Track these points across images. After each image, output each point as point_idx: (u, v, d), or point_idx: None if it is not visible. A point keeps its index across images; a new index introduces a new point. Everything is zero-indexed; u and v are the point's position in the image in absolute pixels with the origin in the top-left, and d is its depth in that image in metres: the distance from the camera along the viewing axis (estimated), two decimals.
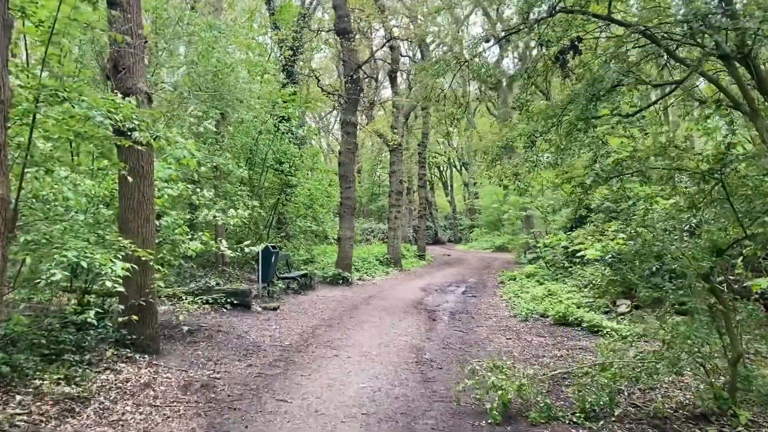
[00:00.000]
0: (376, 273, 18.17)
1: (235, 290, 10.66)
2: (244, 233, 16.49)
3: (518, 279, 16.82)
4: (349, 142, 15.23)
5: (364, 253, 20.28)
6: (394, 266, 19.95)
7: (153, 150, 6.87)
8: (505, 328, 9.77)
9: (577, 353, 7.88)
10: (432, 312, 11.40)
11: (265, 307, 10.89)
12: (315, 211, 17.48)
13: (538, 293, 12.42)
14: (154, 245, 6.98)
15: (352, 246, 15.69)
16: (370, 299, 12.91)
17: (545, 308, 10.77)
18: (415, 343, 8.39)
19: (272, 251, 11.94)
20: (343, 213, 15.44)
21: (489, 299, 13.60)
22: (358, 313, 10.87)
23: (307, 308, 11.37)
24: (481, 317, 10.93)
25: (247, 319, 9.88)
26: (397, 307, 11.75)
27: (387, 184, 48.55)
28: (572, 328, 9.52)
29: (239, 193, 13.32)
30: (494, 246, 35.15)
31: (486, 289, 15.82)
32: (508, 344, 8.54)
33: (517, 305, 11.96)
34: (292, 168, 16.77)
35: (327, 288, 14.67)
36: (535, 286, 14.69)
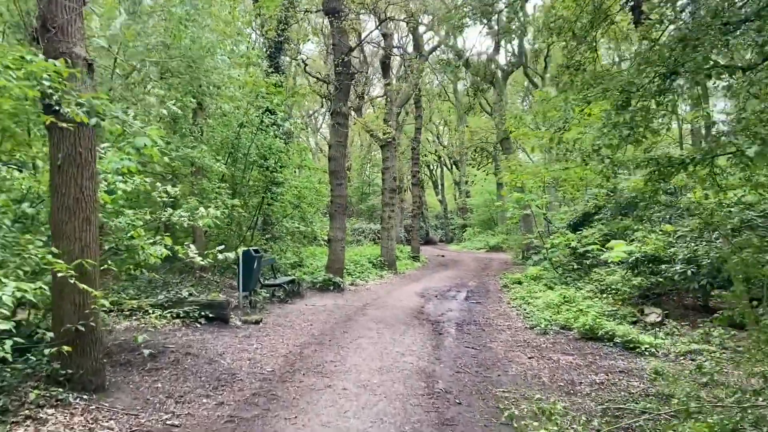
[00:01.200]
0: (370, 277, 16.71)
1: (211, 302, 9.17)
2: (225, 236, 14.98)
3: (523, 282, 15.46)
4: (339, 134, 13.76)
5: (356, 256, 18.80)
6: (388, 269, 18.50)
7: (94, 133, 5.37)
8: (523, 344, 8.36)
9: (619, 379, 6.47)
10: (436, 323, 9.97)
11: (246, 320, 9.40)
12: (303, 210, 15.98)
13: (552, 300, 11.03)
14: (98, 252, 5.47)
15: (343, 248, 14.22)
16: (366, 308, 11.45)
17: (566, 319, 9.37)
18: (423, 366, 6.95)
19: (254, 256, 10.44)
20: (334, 212, 13.97)
21: (495, 306, 12.19)
22: (352, 327, 9.41)
23: (294, 321, 9.89)
24: (493, 329, 9.52)
25: (224, 335, 8.38)
26: (396, 318, 10.31)
27: (377, 183, 47.30)
28: (602, 344, 8.12)
29: (217, 190, 11.78)
30: (488, 246, 33.85)
31: (489, 294, 14.42)
32: (533, 366, 7.12)
33: (531, 315, 10.57)
34: (277, 164, 15.27)
35: (317, 295, 13.18)
36: (544, 290, 13.33)
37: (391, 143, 18.43)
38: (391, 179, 18.68)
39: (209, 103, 13.86)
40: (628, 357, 7.45)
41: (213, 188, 11.60)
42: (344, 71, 13.54)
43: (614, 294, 10.78)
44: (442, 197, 48.73)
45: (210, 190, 11.57)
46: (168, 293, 9.34)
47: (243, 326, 9.14)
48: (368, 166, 46.18)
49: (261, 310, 10.56)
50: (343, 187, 13.87)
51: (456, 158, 47.03)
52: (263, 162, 14.89)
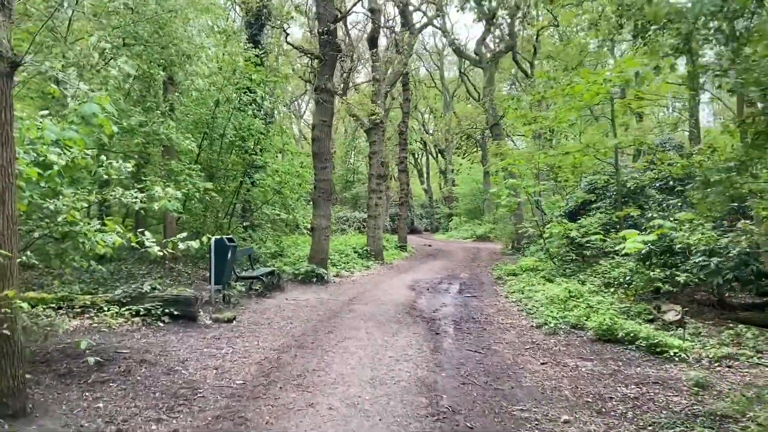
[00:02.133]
0: (356, 268, 15.59)
1: (176, 297, 7.98)
2: (200, 223, 13.75)
3: (519, 274, 14.47)
4: (324, 113, 12.53)
5: (341, 245, 17.66)
6: (374, 259, 17.39)
7: (10, 87, 4.14)
8: (532, 346, 7.31)
9: (654, 392, 5.44)
10: (431, 321, 8.89)
11: (217, 318, 8.22)
12: (284, 196, 14.77)
13: (557, 294, 10.01)
14: (16, 241, 4.26)
15: (328, 237, 13.06)
16: (352, 303, 10.33)
17: (577, 317, 8.35)
18: (422, 376, 5.86)
19: (228, 245, 9.26)
20: (318, 198, 12.79)
21: (493, 301, 11.16)
22: (338, 325, 8.29)
23: (272, 318, 8.74)
24: (495, 328, 8.47)
25: (190, 337, 7.22)
26: (386, 315, 9.21)
27: (362, 171, 46.06)
28: (623, 347, 7.11)
29: (188, 172, 10.52)
30: (475, 235, 32.93)
31: (484, 286, 13.39)
32: (549, 374, 6.08)
33: (534, 311, 9.54)
34: (257, 146, 14.05)
35: (299, 288, 12.03)
36: (543, 283, 12.34)
37: (378, 126, 17.24)
38: (378, 164, 17.51)
39: (181, 77, 12.56)
40: (656, 363, 6.44)
41: (182, 169, 10.33)
42: (330, 41, 12.28)
43: (625, 288, 9.81)
44: (428, 186, 47.70)
45: (179, 171, 10.30)
46: (128, 287, 8.12)
47: (213, 325, 7.97)
48: (352, 153, 44.92)
49: (235, 305, 9.39)
50: (328, 170, 12.68)
51: (442, 146, 45.98)
52: (241, 143, 13.65)
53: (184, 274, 11.75)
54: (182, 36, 9.91)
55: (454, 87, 41.78)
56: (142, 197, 5.63)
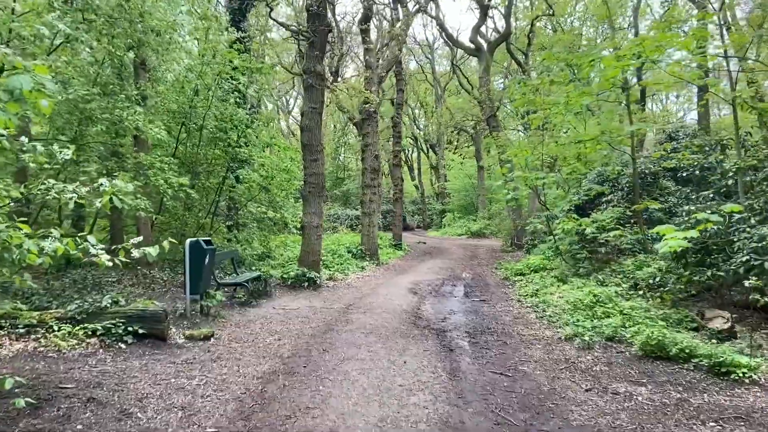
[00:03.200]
0: (350, 269, 14.30)
1: (142, 312, 6.66)
2: (179, 223, 12.40)
3: (527, 274, 13.28)
4: (314, 99, 11.21)
5: (333, 245, 16.36)
6: (369, 259, 16.11)
7: None
8: (567, 366, 6.07)
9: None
10: (441, 333, 7.64)
11: (192, 335, 6.91)
12: (272, 193, 13.44)
13: (580, 298, 8.80)
14: None
15: (320, 237, 11.75)
16: (349, 312, 9.05)
17: (614, 328, 7.12)
18: (444, 414, 4.60)
19: (205, 248, 7.94)
20: (308, 194, 11.47)
21: (506, 306, 9.94)
22: (334, 341, 7.01)
23: (257, 333, 7.44)
24: (517, 341, 7.23)
25: (156, 362, 5.91)
26: (389, 326, 7.94)
27: (352, 168, 44.74)
28: (677, 366, 5.89)
29: (160, 165, 9.16)
30: (470, 232, 31.74)
31: (490, 288, 12.17)
32: (599, 406, 4.84)
33: (557, 319, 8.33)
34: (241, 138, 12.70)
35: (288, 294, 10.73)
36: (557, 285, 11.17)
37: (372, 116, 15.93)
38: (372, 158, 16.20)
39: (155, 62, 11.20)
40: (725, 388, 5.23)
41: (152, 162, 8.95)
42: (319, 13, 10.92)
43: (660, 292, 8.61)
44: (419, 182, 46.39)
45: (149, 164, 8.93)
46: (83, 302, 6.78)
47: (187, 345, 6.66)
48: (342, 149, 43.62)
49: (215, 318, 8.07)
50: (319, 163, 11.36)
51: (433, 142, 44.74)
52: (224, 135, 12.29)
53: (159, 281, 10.39)
54: (151, 8, 8.54)
55: (446, 80, 40.53)
56: (80, 191, 4.29)
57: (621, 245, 11.87)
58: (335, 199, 38.67)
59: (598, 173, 15.41)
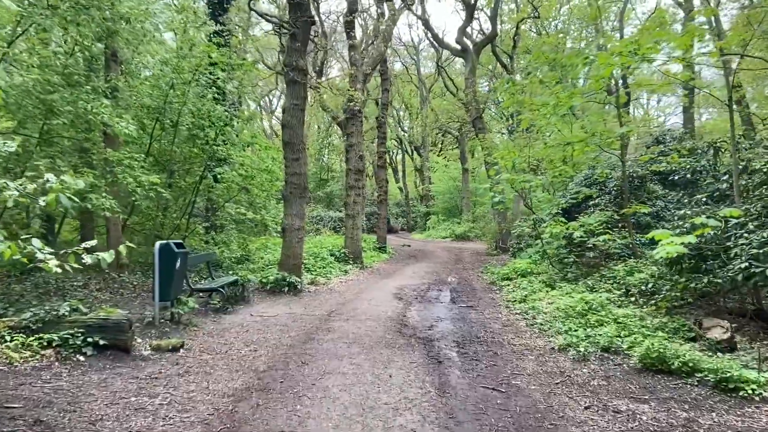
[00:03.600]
0: (333, 273, 13.79)
1: (104, 321, 6.11)
2: (152, 224, 11.81)
3: (513, 279, 12.90)
4: (296, 95, 10.69)
5: (315, 247, 15.83)
6: (353, 263, 15.62)
7: None
8: (563, 380, 5.65)
9: None
10: (428, 342, 7.19)
11: (159, 346, 6.37)
12: (252, 194, 12.90)
13: (571, 305, 8.41)
14: None
15: (302, 240, 11.23)
16: (331, 319, 8.56)
17: (609, 338, 6.72)
18: None
19: (176, 252, 7.40)
20: (290, 195, 10.95)
21: (494, 312, 9.52)
22: (314, 352, 6.52)
23: (232, 343, 6.92)
24: (508, 352, 6.80)
25: (117, 377, 5.37)
26: (373, 335, 7.46)
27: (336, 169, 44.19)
28: (680, 381, 5.49)
29: (129, 162, 8.57)
30: (454, 235, 31.41)
31: (477, 293, 11.76)
32: (599, 426, 4.42)
33: (548, 327, 7.93)
34: (219, 136, 12.16)
35: (267, 299, 10.20)
36: (545, 290, 10.80)
37: (357, 115, 15.45)
38: (356, 158, 15.71)
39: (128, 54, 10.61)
40: (733, 406, 4.84)
41: (120, 159, 8.36)
42: (302, 4, 10.40)
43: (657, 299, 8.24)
44: (403, 184, 45.99)
45: (117, 161, 8.35)
46: (40, 309, 6.21)
47: (153, 357, 6.12)
48: (326, 150, 43.07)
49: (186, 326, 7.53)
50: (302, 162, 10.84)
51: (417, 144, 44.41)
52: (201, 133, 11.74)
53: (129, 285, 9.80)
54: None
55: (431, 82, 40.22)
56: (23, 189, 3.75)
57: (609, 250, 11.55)
58: (318, 200, 38.13)
59: (585, 176, 15.11)
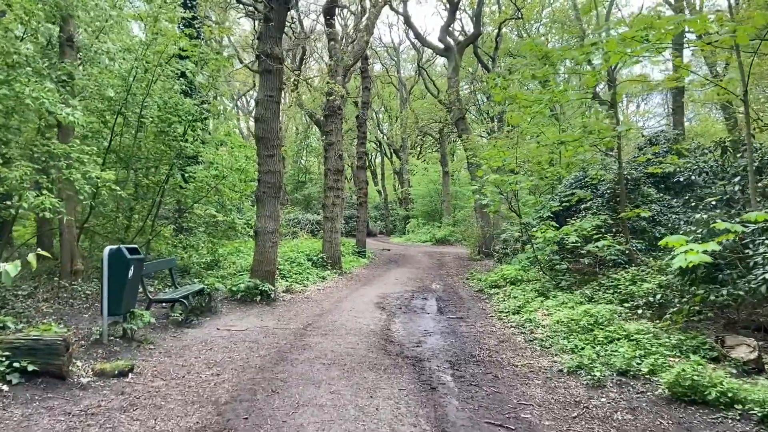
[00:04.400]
0: (310, 279, 12.81)
1: (34, 342, 5.06)
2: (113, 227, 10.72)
3: (502, 286, 12.08)
4: (270, 86, 9.70)
5: (291, 252, 14.80)
6: (331, 268, 14.64)
7: None
8: (581, 413, 4.78)
9: None
10: (417, 362, 6.28)
11: (102, 371, 5.33)
12: (223, 194, 11.86)
13: (573, 318, 7.60)
14: None
15: (276, 244, 10.22)
16: (307, 334, 7.59)
17: (627, 360, 5.88)
18: None
19: (129, 258, 6.37)
20: (263, 195, 9.94)
21: (486, 325, 8.66)
22: (288, 376, 5.55)
23: (191, 365, 5.91)
24: (509, 374, 5.92)
25: (44, 412, 4.35)
26: (355, 354, 6.52)
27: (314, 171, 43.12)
28: (719, 414, 4.66)
29: (77, 156, 7.47)
30: (435, 238, 30.61)
31: (465, 302, 10.91)
32: None
33: (551, 343, 7.08)
34: (188, 131, 11.14)
35: (237, 310, 9.18)
36: (539, 299, 10.00)
37: (336, 112, 14.50)
38: (335, 158, 14.74)
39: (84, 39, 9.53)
40: None
41: (68, 152, 7.26)
42: None
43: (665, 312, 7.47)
44: (382, 187, 45.10)
45: (62, 153, 7.26)
46: None
47: (94, 384, 5.09)
48: (304, 152, 41.98)
49: (141, 344, 6.49)
50: (276, 159, 9.85)
51: (396, 146, 43.58)
52: (167, 128, 10.69)
53: (81, 295, 8.70)
54: None
55: (411, 84, 39.46)
56: None
57: (606, 257, 10.81)
58: (296, 203, 37.01)
59: (576, 178, 14.41)
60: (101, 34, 10.20)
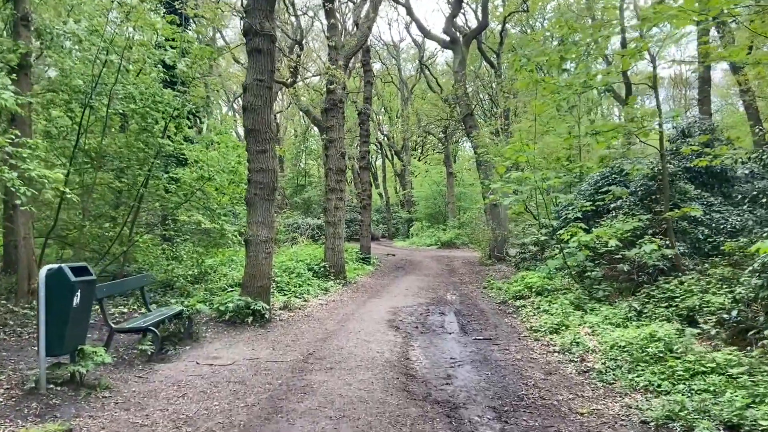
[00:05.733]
0: (311, 292, 11.28)
1: None
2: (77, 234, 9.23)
3: (527, 297, 10.58)
4: (260, 68, 8.16)
5: (290, 261, 13.24)
6: (335, 278, 13.10)
7: None
8: None
9: None
10: (451, 409, 4.77)
11: None
12: (210, 198, 10.36)
13: (634, 342, 6.09)
14: None
15: (270, 254, 8.68)
16: (307, 368, 6.06)
17: (738, 409, 4.34)
18: None
19: (74, 281, 4.85)
20: (254, 197, 8.41)
21: (522, 348, 7.15)
22: None
23: (154, 423, 4.38)
24: (576, 428, 4.41)
25: None
26: (370, 400, 5.00)
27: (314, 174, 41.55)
28: None
29: (15, 152, 5.93)
30: (440, 242, 29.10)
31: (488, 317, 9.41)
32: None
33: (612, 376, 5.58)
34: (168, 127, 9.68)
35: (225, 335, 7.64)
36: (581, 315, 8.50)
37: (337, 106, 12.98)
38: (337, 156, 13.20)
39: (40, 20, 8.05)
40: None
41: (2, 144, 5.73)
42: None
43: (738, 331, 5.98)
44: (383, 189, 43.54)
45: None
46: None
47: None
48: (303, 155, 40.47)
49: (93, 391, 4.96)
50: (269, 156, 8.31)
51: (398, 147, 42.06)
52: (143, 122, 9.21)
53: (32, 322, 7.18)
54: None
55: (412, 83, 37.98)
56: None
57: (649, 263, 9.31)
58: (296, 207, 35.45)
59: (602, 174, 12.90)
60: (65, 13, 8.74)
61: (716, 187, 11.89)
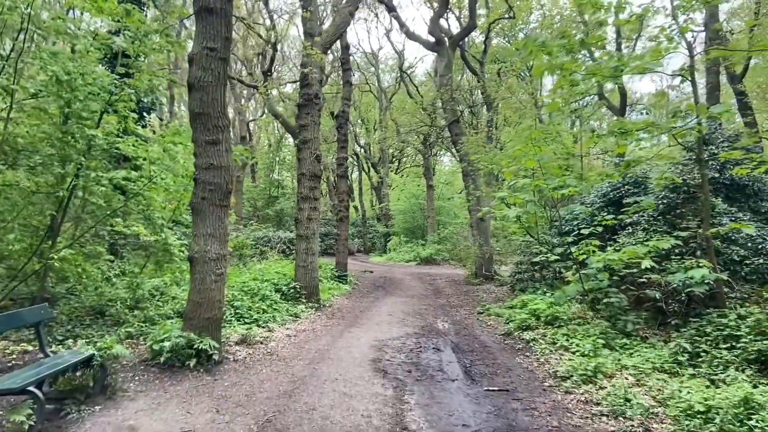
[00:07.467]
0: (277, 319, 9.27)
1: None
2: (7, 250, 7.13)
3: (535, 327, 8.80)
4: (210, 33, 6.19)
5: (254, 280, 11.17)
6: (306, 300, 11.09)
7: None
8: None
9: None
10: None
11: None
12: (151, 203, 8.35)
13: (727, 407, 4.34)
14: None
15: (222, 276, 6.68)
16: None
17: None
18: None
19: None
20: (201, 203, 6.42)
21: (557, 408, 5.33)
22: None
23: None
24: None
25: None
26: None
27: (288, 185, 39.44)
28: None
29: None
30: (419, 257, 27.25)
31: (495, 355, 7.58)
32: None
33: None
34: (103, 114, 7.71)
35: (155, 385, 5.63)
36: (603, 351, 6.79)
37: (312, 102, 11.09)
38: (312, 159, 11.24)
39: None
40: None
41: None
42: None
43: None
44: (359, 203, 41.64)
45: None
46: None
47: None
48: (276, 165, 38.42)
49: None
50: (222, 149, 6.35)
51: (375, 160, 40.31)
52: (66, 108, 7.22)
53: None
54: None
55: (392, 92, 36.38)
56: None
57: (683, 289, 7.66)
58: (267, 219, 33.27)
59: (612, 185, 11.30)
60: None
61: (743, 201, 10.42)
